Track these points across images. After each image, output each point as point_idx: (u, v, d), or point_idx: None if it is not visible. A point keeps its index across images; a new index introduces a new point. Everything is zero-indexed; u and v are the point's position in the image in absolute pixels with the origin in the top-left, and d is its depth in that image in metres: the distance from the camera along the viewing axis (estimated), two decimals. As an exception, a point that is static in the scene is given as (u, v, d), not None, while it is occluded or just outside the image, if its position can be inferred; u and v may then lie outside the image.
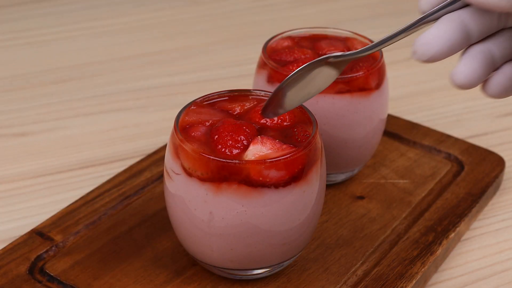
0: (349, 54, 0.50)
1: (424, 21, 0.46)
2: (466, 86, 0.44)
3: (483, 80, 0.44)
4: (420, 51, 0.43)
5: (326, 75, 0.51)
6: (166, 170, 0.55)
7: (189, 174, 0.52)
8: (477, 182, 0.69)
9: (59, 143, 0.80)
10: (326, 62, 0.50)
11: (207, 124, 0.55)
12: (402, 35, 0.47)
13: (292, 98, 0.51)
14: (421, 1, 0.46)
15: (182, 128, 0.54)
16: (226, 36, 1.07)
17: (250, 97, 0.58)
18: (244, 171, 0.50)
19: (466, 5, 0.44)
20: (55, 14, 1.12)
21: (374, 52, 0.49)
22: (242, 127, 0.53)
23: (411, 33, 0.47)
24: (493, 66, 0.45)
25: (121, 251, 0.60)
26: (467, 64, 0.44)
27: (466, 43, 0.44)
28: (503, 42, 0.45)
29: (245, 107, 0.57)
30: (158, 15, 1.13)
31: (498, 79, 0.45)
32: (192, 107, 0.57)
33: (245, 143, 0.52)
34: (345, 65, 0.51)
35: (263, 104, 0.52)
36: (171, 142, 0.54)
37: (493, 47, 0.45)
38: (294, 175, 0.52)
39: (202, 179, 0.51)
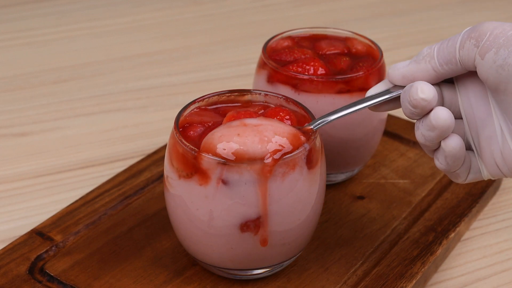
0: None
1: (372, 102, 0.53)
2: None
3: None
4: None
5: None
6: (166, 170, 0.55)
7: (188, 174, 0.52)
8: (477, 182, 0.69)
9: (59, 143, 0.80)
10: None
11: (207, 125, 0.55)
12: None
13: None
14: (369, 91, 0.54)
15: (182, 128, 0.54)
16: (226, 36, 1.07)
17: (254, 103, 0.58)
18: (243, 171, 0.50)
19: None
20: (55, 14, 1.12)
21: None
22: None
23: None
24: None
25: (121, 251, 0.60)
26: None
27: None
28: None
29: (248, 115, 0.56)
30: (158, 15, 1.13)
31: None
32: (195, 110, 0.57)
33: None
34: None
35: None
36: (171, 141, 0.54)
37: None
38: (294, 175, 0.52)
39: (201, 179, 0.51)
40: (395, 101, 0.54)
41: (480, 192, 0.68)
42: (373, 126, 0.66)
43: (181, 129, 0.54)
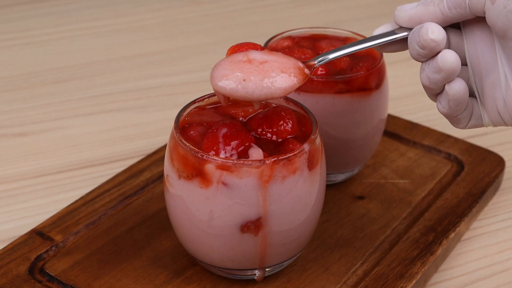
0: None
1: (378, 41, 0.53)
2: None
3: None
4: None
5: None
6: (166, 170, 0.55)
7: (189, 175, 0.52)
8: (477, 182, 0.69)
9: (59, 143, 0.80)
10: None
11: (206, 125, 0.55)
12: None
13: None
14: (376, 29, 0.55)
15: (182, 128, 0.54)
16: (226, 36, 1.07)
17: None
18: (244, 172, 0.50)
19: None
20: (55, 14, 1.12)
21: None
22: (241, 133, 0.53)
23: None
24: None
25: (121, 251, 0.60)
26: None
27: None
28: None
29: (248, 114, 0.56)
30: (158, 15, 1.13)
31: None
32: (195, 110, 0.56)
33: (244, 147, 0.52)
34: None
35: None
36: (171, 142, 0.54)
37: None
38: (294, 176, 0.52)
39: (202, 182, 0.51)
40: (401, 43, 0.53)
41: (480, 192, 0.68)
42: (373, 126, 0.66)
43: (181, 129, 0.54)
